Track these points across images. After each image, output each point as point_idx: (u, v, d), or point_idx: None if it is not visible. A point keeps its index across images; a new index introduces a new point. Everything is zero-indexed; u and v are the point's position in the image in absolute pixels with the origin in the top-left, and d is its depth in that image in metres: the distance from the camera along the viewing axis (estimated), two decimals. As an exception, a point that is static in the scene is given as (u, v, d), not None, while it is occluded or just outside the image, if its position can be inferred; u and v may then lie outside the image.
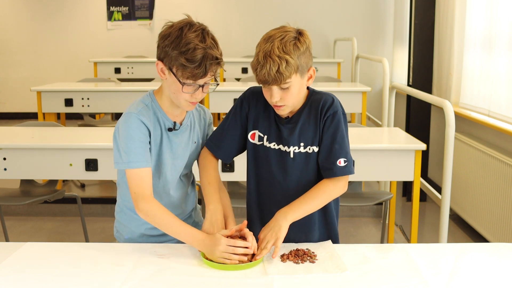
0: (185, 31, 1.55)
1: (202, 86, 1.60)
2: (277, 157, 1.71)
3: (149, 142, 1.66)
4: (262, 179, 1.75)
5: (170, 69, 1.59)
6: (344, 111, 1.69)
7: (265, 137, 1.72)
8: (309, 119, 1.67)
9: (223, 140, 1.75)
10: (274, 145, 1.71)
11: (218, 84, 1.65)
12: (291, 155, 1.68)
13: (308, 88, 1.72)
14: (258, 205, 1.79)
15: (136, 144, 1.61)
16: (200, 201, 1.95)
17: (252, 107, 1.74)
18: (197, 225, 1.89)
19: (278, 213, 1.57)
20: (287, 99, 1.59)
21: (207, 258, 1.51)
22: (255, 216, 1.79)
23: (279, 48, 1.52)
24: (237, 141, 1.76)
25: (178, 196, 1.79)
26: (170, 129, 1.70)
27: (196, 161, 1.84)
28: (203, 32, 1.57)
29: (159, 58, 1.61)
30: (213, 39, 1.59)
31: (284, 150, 1.69)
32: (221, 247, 1.47)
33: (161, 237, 1.78)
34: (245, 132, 1.75)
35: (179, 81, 1.58)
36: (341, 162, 1.63)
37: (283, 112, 1.65)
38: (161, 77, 1.64)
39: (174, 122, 1.71)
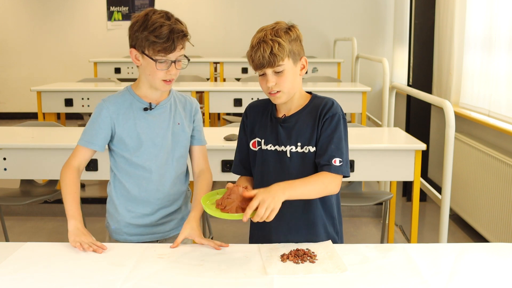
0: (150, 15, 1.69)
1: (174, 62, 1.72)
2: (275, 158, 1.72)
3: (114, 125, 1.78)
4: (263, 182, 1.75)
5: (143, 52, 1.71)
6: (345, 115, 1.71)
7: (263, 141, 1.75)
8: (307, 120, 1.70)
9: (243, 159, 1.81)
10: (270, 146, 1.73)
11: (189, 60, 1.78)
12: (288, 155, 1.70)
13: (311, 93, 1.77)
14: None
15: (92, 127, 1.79)
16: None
17: (250, 118, 1.81)
18: None
19: (276, 186, 1.54)
20: (281, 84, 1.65)
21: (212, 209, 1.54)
22: None
23: (271, 34, 1.63)
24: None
25: (162, 176, 1.82)
26: (145, 109, 1.80)
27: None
28: (167, 14, 1.72)
29: (132, 46, 1.74)
30: (177, 19, 1.73)
31: (280, 150, 1.71)
32: (77, 237, 1.61)
33: (148, 228, 1.83)
34: None
35: (152, 58, 1.69)
36: (336, 161, 1.64)
37: (279, 100, 1.69)
38: (136, 64, 1.76)
39: (150, 103, 1.80)
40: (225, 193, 1.54)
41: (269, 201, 1.48)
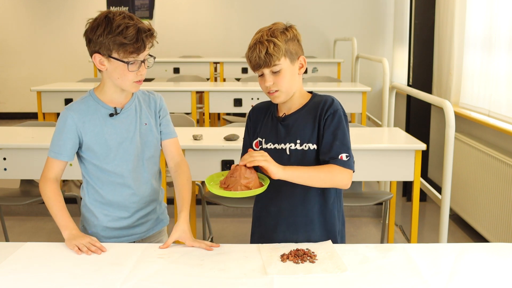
0: (111, 17, 1.66)
1: (143, 61, 1.71)
2: (274, 157, 1.72)
3: (80, 134, 1.74)
4: None
5: (110, 56, 1.67)
6: (345, 111, 1.72)
7: (263, 140, 1.76)
8: (307, 117, 1.71)
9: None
10: (270, 145, 1.75)
11: (155, 58, 1.75)
12: (287, 152, 1.71)
13: (312, 92, 1.79)
14: (262, 207, 1.81)
15: (59, 137, 1.75)
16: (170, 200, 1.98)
17: (253, 120, 1.83)
18: (161, 221, 1.93)
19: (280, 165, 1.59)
20: (279, 83, 1.68)
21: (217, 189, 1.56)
22: (261, 216, 1.81)
23: (268, 34, 1.66)
24: None
25: (136, 179, 1.80)
26: (111, 115, 1.77)
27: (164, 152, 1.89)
28: (127, 14, 1.69)
29: (95, 51, 1.69)
30: (137, 18, 1.71)
31: (280, 148, 1.72)
32: (74, 241, 1.61)
33: (125, 230, 1.82)
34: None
35: (123, 61, 1.66)
36: (343, 157, 1.65)
37: (278, 99, 1.71)
38: (101, 69, 1.72)
39: (115, 108, 1.77)
40: (229, 173, 1.57)
41: (268, 157, 1.55)
